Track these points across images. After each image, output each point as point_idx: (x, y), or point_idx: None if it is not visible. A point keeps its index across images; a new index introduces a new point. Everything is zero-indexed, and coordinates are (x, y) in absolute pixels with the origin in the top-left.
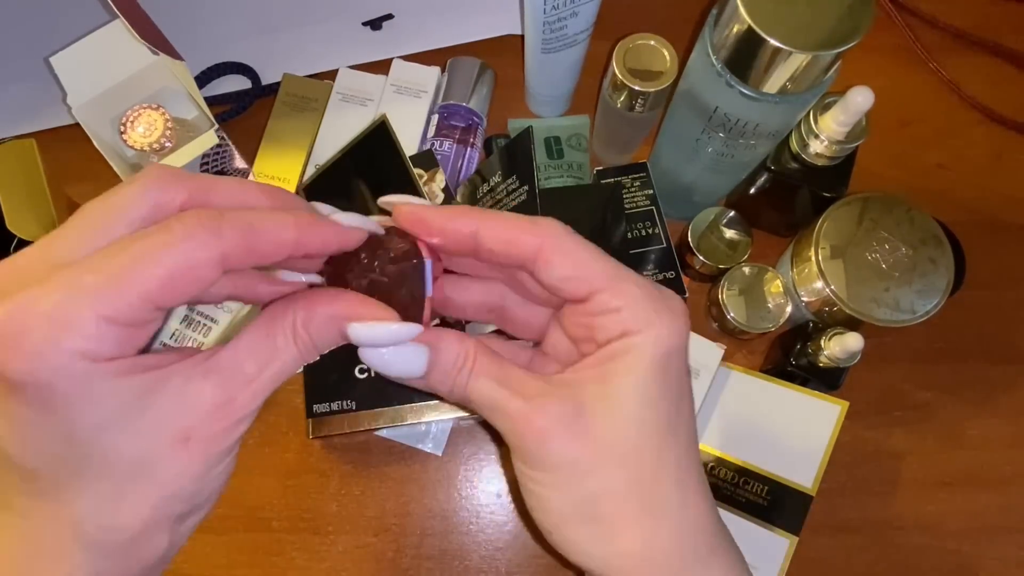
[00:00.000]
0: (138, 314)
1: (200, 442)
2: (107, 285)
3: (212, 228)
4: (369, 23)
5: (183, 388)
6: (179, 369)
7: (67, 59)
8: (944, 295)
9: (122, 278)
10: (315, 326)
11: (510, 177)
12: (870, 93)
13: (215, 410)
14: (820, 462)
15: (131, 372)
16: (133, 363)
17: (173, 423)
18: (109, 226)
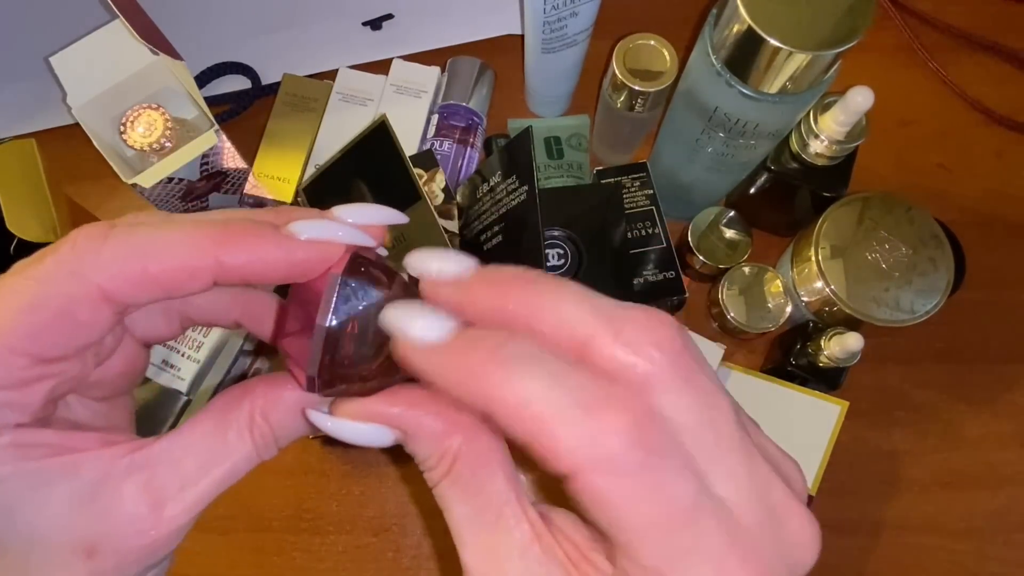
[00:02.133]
0: (16, 372)
1: (110, 556)
2: None
3: (88, 253)
4: (369, 23)
5: (95, 487)
6: (94, 460)
7: (67, 59)
8: (944, 295)
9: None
10: (279, 415)
11: (510, 177)
12: (870, 93)
13: (134, 520)
14: (820, 462)
15: (22, 456)
16: (27, 443)
17: (75, 529)
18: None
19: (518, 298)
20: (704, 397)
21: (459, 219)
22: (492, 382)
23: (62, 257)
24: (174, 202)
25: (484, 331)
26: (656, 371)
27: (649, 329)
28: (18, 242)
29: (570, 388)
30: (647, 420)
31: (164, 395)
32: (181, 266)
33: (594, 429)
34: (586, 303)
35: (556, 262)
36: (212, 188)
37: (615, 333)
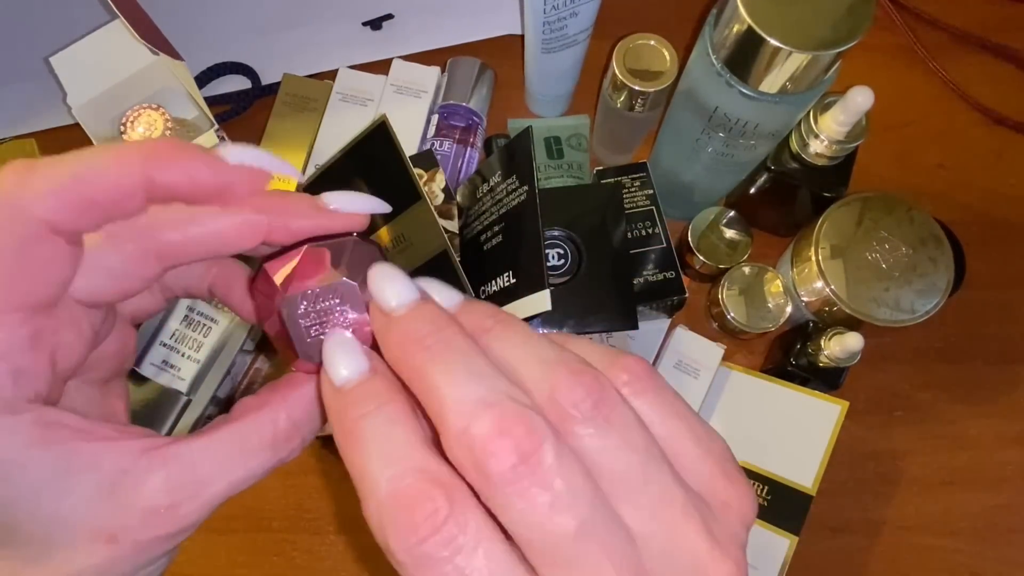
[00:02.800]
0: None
1: (128, 545)
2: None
3: (17, 187)
4: (369, 23)
5: (117, 479)
6: (116, 452)
7: (67, 59)
8: (944, 295)
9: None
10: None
11: (510, 177)
12: (870, 93)
13: (151, 515)
14: (820, 462)
15: (47, 437)
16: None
17: (97, 517)
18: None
19: (410, 366)
20: (618, 440)
21: (459, 219)
22: (414, 366)
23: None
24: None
25: (415, 328)
26: (576, 415)
27: (571, 384)
28: None
29: (484, 389)
30: (532, 449)
31: (164, 395)
32: (113, 184)
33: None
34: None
35: (556, 262)
36: None
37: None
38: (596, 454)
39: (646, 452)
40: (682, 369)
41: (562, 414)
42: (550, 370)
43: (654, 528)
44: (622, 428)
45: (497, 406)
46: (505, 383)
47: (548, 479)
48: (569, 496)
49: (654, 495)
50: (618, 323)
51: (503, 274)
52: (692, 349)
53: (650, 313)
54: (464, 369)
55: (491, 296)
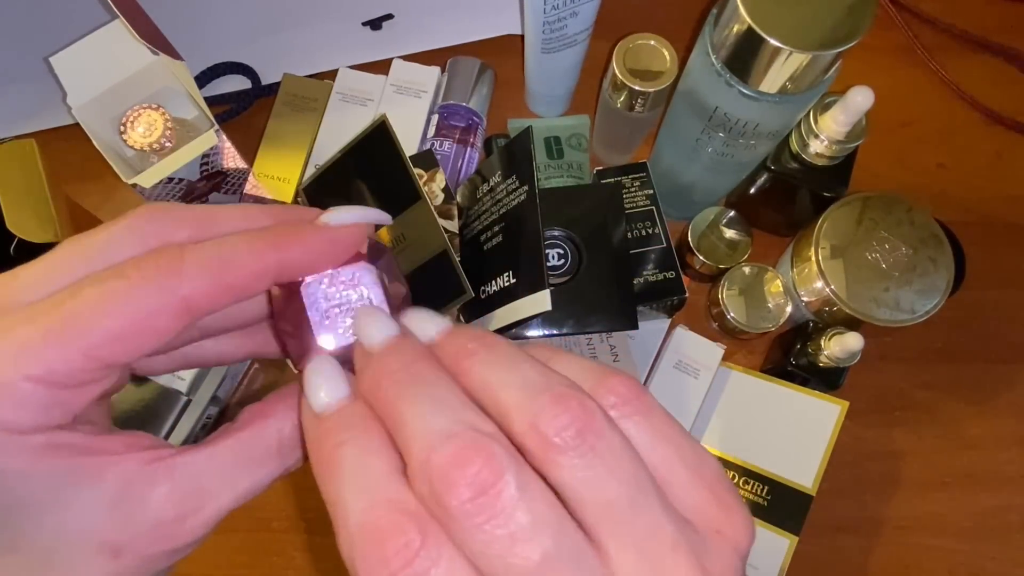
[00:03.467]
0: (80, 374)
1: (134, 558)
2: (42, 339)
3: (171, 268)
4: (369, 23)
5: (121, 492)
6: (120, 466)
7: (67, 59)
8: (944, 295)
9: (62, 330)
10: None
11: (510, 177)
12: (870, 93)
13: (157, 528)
14: (820, 462)
15: (53, 455)
16: (59, 443)
17: (101, 532)
18: (82, 267)
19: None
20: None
21: (459, 219)
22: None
23: (147, 273)
24: (174, 202)
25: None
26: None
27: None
28: (18, 242)
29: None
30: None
31: (164, 395)
32: (251, 271)
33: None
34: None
35: (556, 262)
36: (212, 188)
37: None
38: (580, 485)
39: (634, 482)
40: (682, 369)
41: (545, 443)
42: (533, 396)
43: (640, 563)
44: (608, 457)
45: (458, 437)
46: (472, 414)
47: (509, 511)
48: (532, 528)
49: (640, 528)
50: (618, 323)
51: (503, 274)
52: (692, 349)
53: (650, 313)
54: (430, 400)
55: (491, 296)
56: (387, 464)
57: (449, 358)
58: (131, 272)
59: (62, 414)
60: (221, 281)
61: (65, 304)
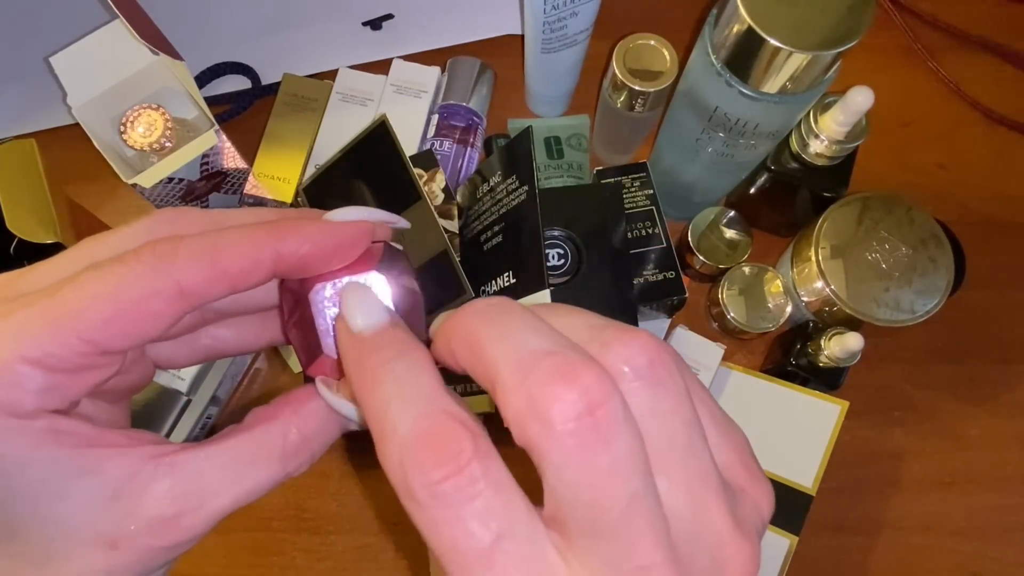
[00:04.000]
0: (76, 358)
1: (131, 552)
2: (39, 321)
3: (167, 254)
4: (369, 23)
5: (120, 486)
6: (121, 459)
7: (67, 59)
8: (944, 295)
9: (58, 313)
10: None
11: (510, 177)
12: (870, 93)
13: (155, 524)
14: (820, 462)
15: (54, 442)
16: (60, 430)
17: (100, 523)
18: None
19: (463, 332)
20: (670, 405)
21: (459, 219)
22: (467, 330)
23: (143, 257)
24: (174, 202)
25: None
26: (629, 372)
27: (623, 339)
28: (18, 242)
29: (533, 346)
30: (601, 400)
31: (164, 395)
32: (248, 260)
33: (540, 390)
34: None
35: (556, 262)
36: (212, 188)
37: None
38: (645, 416)
39: (693, 425)
40: None
41: (616, 370)
42: (600, 331)
43: (687, 504)
44: (675, 394)
45: (561, 354)
46: (566, 339)
47: (611, 438)
48: (628, 463)
49: (692, 470)
50: None
51: (503, 274)
52: (692, 349)
53: (650, 313)
54: (521, 325)
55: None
56: (437, 379)
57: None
58: (128, 258)
59: (59, 399)
60: (216, 267)
61: (62, 289)
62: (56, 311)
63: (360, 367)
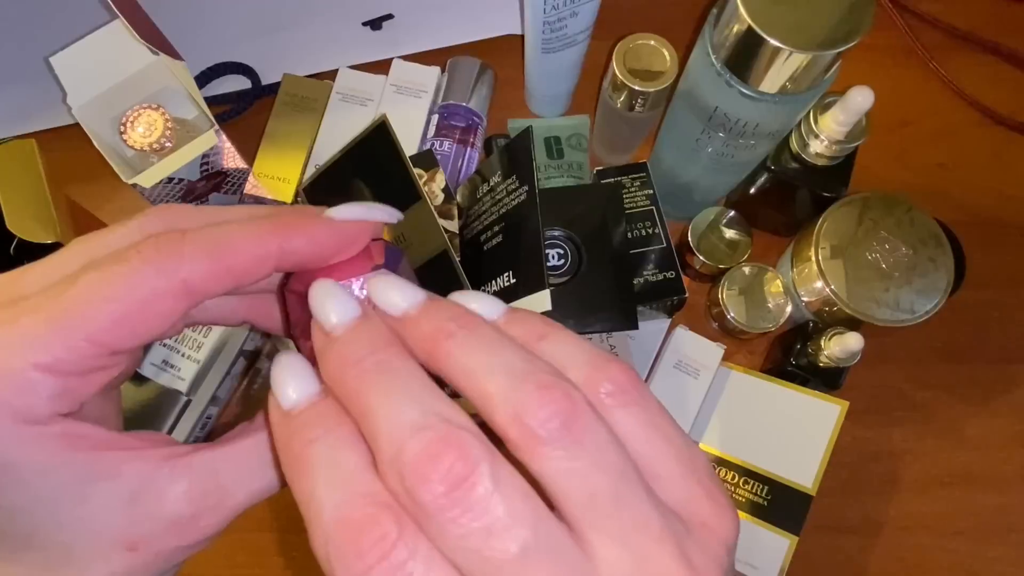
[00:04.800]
0: (86, 360)
1: (149, 554)
2: (47, 327)
3: (171, 251)
4: (369, 23)
5: (138, 489)
6: (137, 462)
7: (67, 59)
8: (944, 295)
9: (64, 317)
10: None
11: (510, 177)
12: (870, 93)
13: (174, 524)
14: (820, 462)
15: (71, 447)
16: (76, 434)
17: (119, 526)
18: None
19: (346, 390)
20: (588, 462)
21: (459, 219)
22: (350, 390)
23: (147, 256)
24: (174, 202)
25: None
26: (542, 435)
27: (540, 401)
28: (18, 242)
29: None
30: (466, 473)
31: (164, 395)
32: (252, 255)
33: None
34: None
35: (556, 262)
36: (212, 188)
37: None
38: (563, 477)
39: (619, 474)
40: (682, 369)
41: (527, 434)
42: (516, 384)
43: (624, 555)
44: (593, 449)
45: (430, 429)
46: (442, 404)
47: (484, 504)
48: (508, 520)
49: (626, 520)
50: (618, 323)
51: (503, 274)
52: (692, 349)
53: (650, 313)
54: (397, 392)
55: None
56: (360, 458)
57: (425, 339)
58: (131, 256)
59: (71, 402)
60: (221, 264)
61: (67, 291)
62: (64, 316)
63: (287, 450)
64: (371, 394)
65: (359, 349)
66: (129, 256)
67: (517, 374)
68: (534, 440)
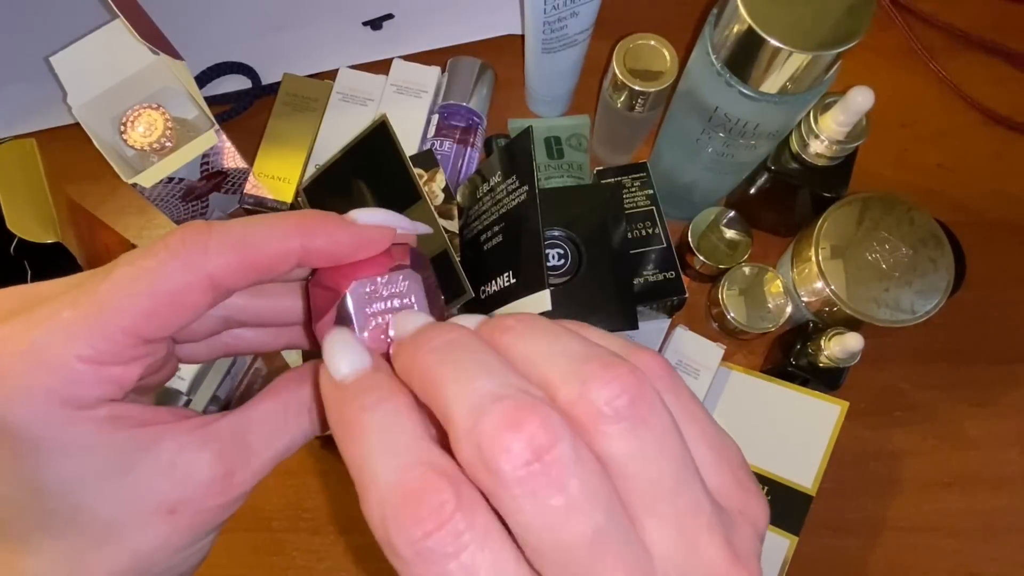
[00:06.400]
0: (123, 350)
1: (188, 515)
2: (85, 320)
3: (197, 246)
4: (369, 23)
5: (176, 456)
6: (173, 432)
7: (67, 59)
8: (944, 295)
9: (101, 312)
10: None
11: (510, 177)
12: (870, 93)
13: (209, 485)
14: (820, 462)
15: (115, 426)
16: (119, 415)
17: (159, 492)
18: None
19: (419, 369)
20: (654, 444)
21: (459, 219)
22: (423, 368)
23: (175, 250)
24: (174, 202)
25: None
26: (609, 413)
27: (606, 378)
28: (18, 242)
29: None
30: (548, 444)
31: (164, 395)
32: (275, 251)
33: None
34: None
35: (556, 262)
36: (212, 188)
37: (576, 378)
38: (627, 458)
39: (680, 460)
40: (682, 369)
41: (594, 412)
42: (581, 364)
43: (677, 541)
44: (659, 431)
45: (509, 399)
46: (518, 379)
47: (563, 480)
48: (585, 500)
49: (682, 507)
50: (618, 323)
51: (503, 274)
52: (692, 349)
53: (650, 313)
54: (473, 365)
55: (491, 296)
56: (419, 426)
57: (487, 336)
58: (160, 251)
59: (115, 389)
60: (245, 259)
61: (102, 286)
62: (100, 310)
63: (340, 415)
64: (445, 367)
65: (433, 333)
66: (157, 251)
67: (580, 356)
68: (601, 418)
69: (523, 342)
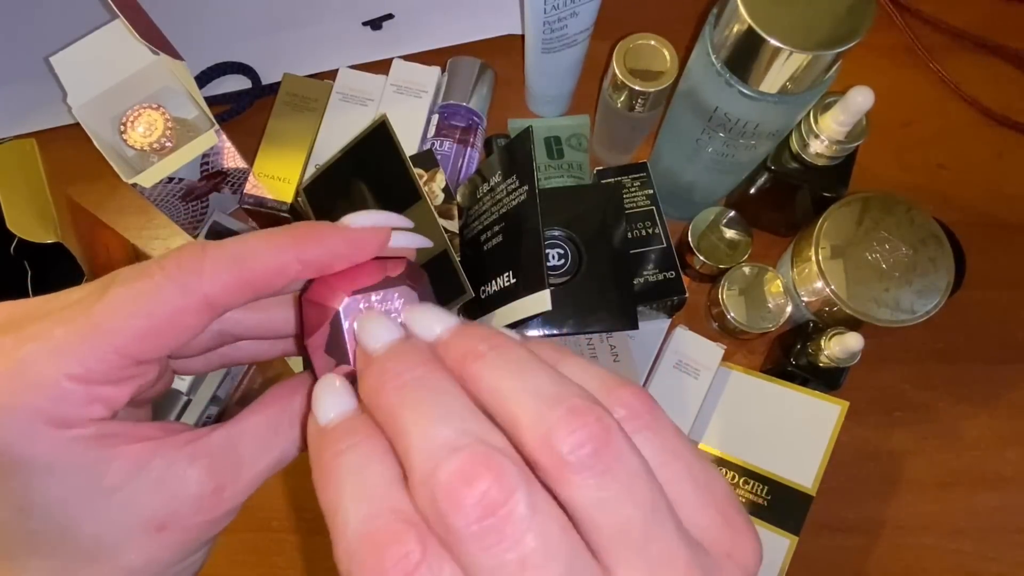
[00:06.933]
0: (115, 371)
1: (177, 531)
2: (77, 339)
3: (192, 267)
4: (369, 23)
5: (164, 472)
6: (162, 449)
7: (67, 59)
8: (944, 295)
9: (95, 331)
10: None
11: (510, 177)
12: (870, 93)
13: (199, 500)
14: (820, 462)
15: (103, 444)
16: (107, 433)
17: (148, 509)
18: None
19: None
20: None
21: (459, 219)
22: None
23: (170, 272)
24: (174, 202)
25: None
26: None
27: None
28: (18, 242)
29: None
30: (502, 499)
31: (164, 395)
32: (271, 267)
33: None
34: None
35: (556, 262)
36: (212, 188)
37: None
38: (593, 507)
39: (650, 506)
40: (682, 369)
41: (558, 460)
42: (548, 407)
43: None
44: (625, 479)
45: (465, 450)
46: (479, 424)
47: (518, 535)
48: (544, 553)
49: (654, 555)
50: (618, 323)
51: (503, 274)
52: (692, 349)
53: (650, 313)
54: (434, 408)
55: (491, 296)
56: (389, 472)
57: (455, 360)
58: (155, 271)
59: (104, 409)
60: (241, 277)
61: (96, 305)
62: (93, 330)
63: (318, 460)
64: (406, 409)
65: (398, 365)
66: (152, 272)
67: (548, 397)
68: (565, 467)
69: (492, 374)
